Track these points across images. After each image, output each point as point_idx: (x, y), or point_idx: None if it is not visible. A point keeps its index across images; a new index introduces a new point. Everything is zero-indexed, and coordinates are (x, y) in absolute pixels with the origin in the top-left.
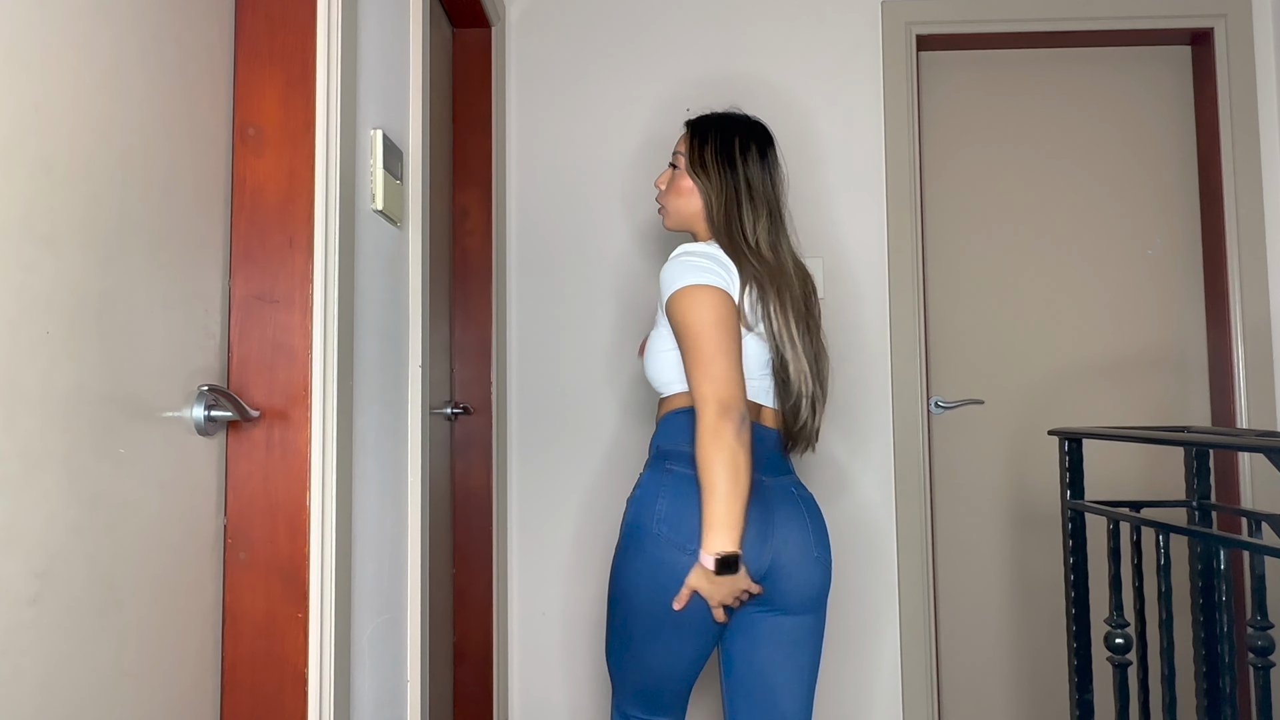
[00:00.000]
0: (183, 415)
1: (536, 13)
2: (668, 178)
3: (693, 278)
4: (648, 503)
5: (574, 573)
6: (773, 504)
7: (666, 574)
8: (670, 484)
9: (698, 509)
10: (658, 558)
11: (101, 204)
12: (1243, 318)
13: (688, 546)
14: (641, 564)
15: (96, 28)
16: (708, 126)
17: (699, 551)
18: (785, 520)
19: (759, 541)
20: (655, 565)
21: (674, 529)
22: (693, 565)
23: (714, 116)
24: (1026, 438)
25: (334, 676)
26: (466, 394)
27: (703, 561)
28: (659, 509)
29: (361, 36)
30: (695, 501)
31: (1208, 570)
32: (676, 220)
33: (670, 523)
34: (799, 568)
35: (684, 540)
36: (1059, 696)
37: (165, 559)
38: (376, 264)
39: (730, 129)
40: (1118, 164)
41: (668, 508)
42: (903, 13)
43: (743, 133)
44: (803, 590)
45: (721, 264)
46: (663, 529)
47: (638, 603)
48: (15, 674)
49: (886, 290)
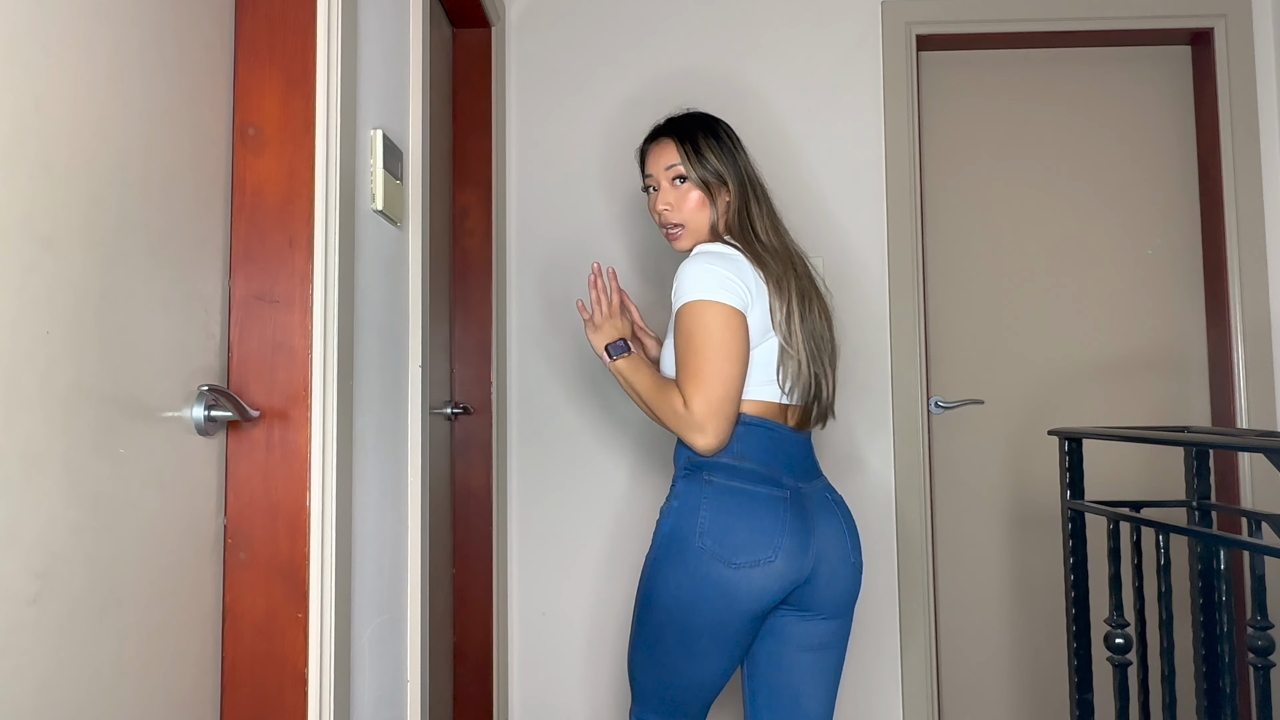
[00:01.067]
0: (183, 415)
1: (536, 13)
2: (673, 197)
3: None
4: (688, 514)
5: (574, 572)
6: (811, 510)
7: (710, 587)
8: (711, 496)
9: (743, 520)
10: (701, 571)
11: (101, 204)
12: (1243, 318)
13: (732, 560)
14: (683, 576)
15: (96, 28)
16: (690, 127)
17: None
18: (824, 527)
19: (799, 550)
20: (698, 578)
21: (718, 542)
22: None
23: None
24: (1026, 438)
25: (334, 676)
26: (466, 394)
27: (603, 354)
28: (701, 521)
29: (361, 36)
30: (739, 513)
31: (1208, 570)
32: (696, 237)
33: (713, 535)
34: (836, 573)
35: (729, 554)
36: (1059, 696)
37: (165, 559)
38: (376, 264)
39: (709, 126)
40: (1118, 164)
41: (710, 520)
42: (903, 13)
43: (721, 126)
44: (837, 595)
45: (743, 273)
46: (706, 542)
47: (677, 614)
48: (15, 674)
49: (886, 290)
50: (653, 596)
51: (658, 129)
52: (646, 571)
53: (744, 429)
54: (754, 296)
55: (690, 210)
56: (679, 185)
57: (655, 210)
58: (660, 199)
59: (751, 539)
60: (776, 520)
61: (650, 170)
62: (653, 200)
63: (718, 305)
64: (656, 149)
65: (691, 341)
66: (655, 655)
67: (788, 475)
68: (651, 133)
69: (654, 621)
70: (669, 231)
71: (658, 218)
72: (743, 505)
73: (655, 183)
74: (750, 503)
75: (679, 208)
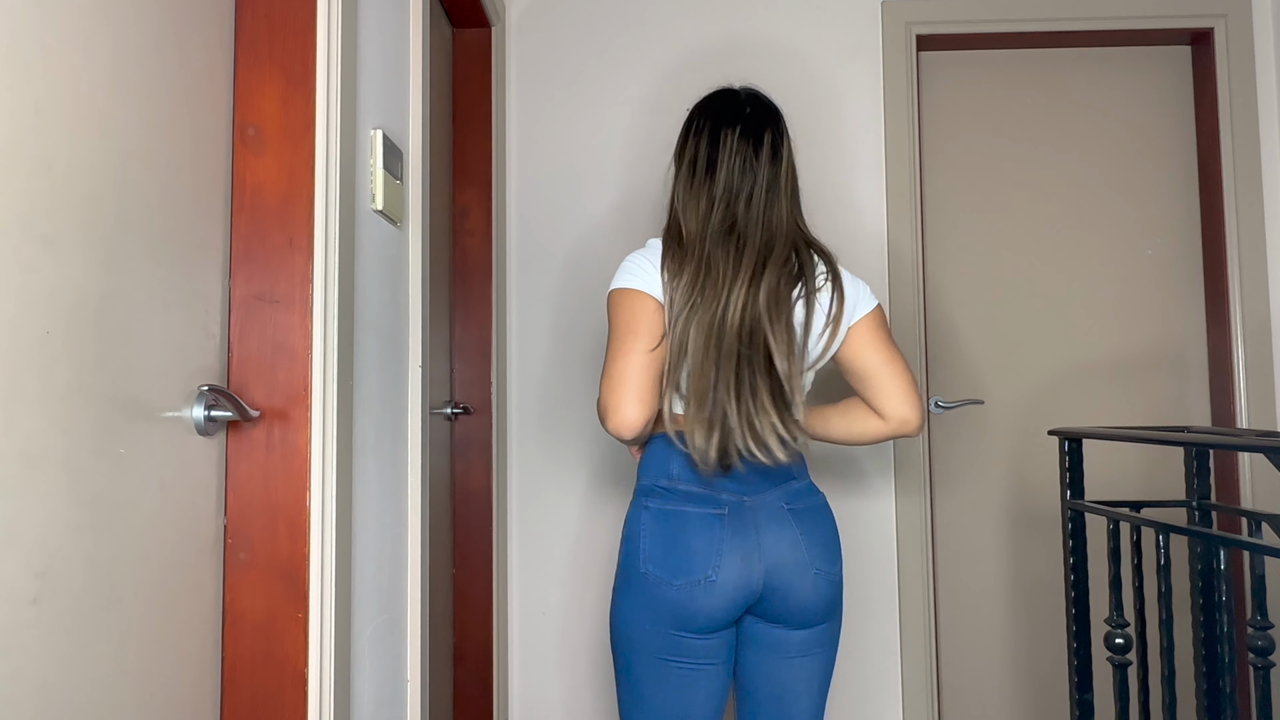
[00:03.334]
0: (183, 415)
1: (536, 13)
2: None
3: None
4: (632, 541)
5: (574, 572)
6: (758, 524)
7: (659, 610)
8: (649, 521)
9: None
10: (648, 595)
11: (101, 204)
12: (1243, 318)
13: (673, 582)
14: (636, 602)
15: (96, 28)
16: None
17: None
18: (775, 539)
19: (742, 565)
20: (648, 602)
21: (659, 566)
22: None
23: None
24: (1026, 438)
25: (334, 676)
26: (466, 394)
27: None
28: (643, 548)
29: (361, 36)
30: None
31: (1208, 570)
32: None
33: (654, 560)
34: (793, 585)
35: (669, 576)
36: (1059, 696)
37: (165, 559)
38: (376, 264)
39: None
40: (1118, 164)
41: (649, 545)
42: (903, 13)
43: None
44: (803, 605)
45: (644, 260)
46: (649, 567)
47: (638, 640)
48: (15, 674)
49: (886, 290)
50: (616, 630)
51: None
52: (611, 605)
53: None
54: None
55: None
56: None
57: None
58: None
59: (688, 559)
60: (711, 539)
61: None
62: None
63: (614, 291)
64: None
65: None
66: (635, 691)
67: (727, 491)
68: None
69: (623, 655)
70: None
71: None
72: (676, 527)
73: None
74: (683, 523)
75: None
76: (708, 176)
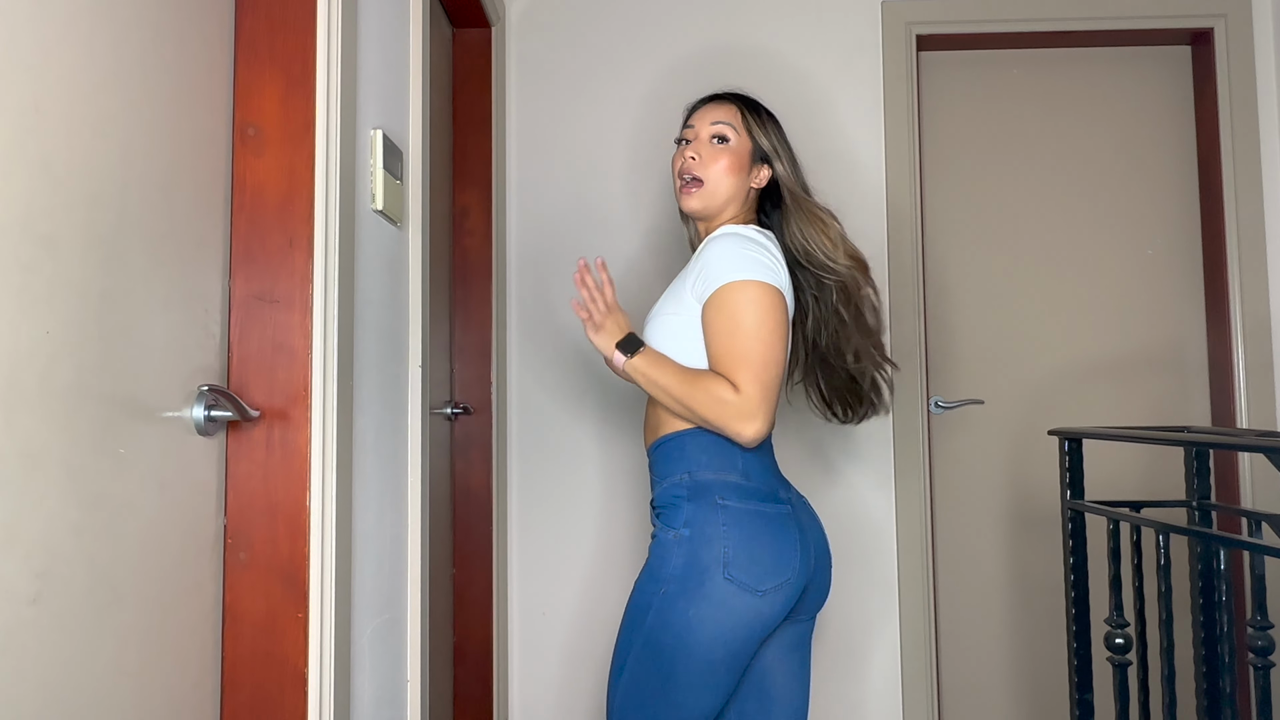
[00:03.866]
0: (183, 415)
1: (536, 13)
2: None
3: (755, 272)
4: (705, 545)
5: (574, 572)
6: (803, 524)
7: (738, 619)
8: (730, 522)
9: (766, 546)
10: (728, 604)
11: (101, 204)
12: (1243, 318)
13: (759, 588)
14: (705, 610)
15: (96, 28)
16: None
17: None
18: (814, 534)
19: (805, 563)
20: (724, 612)
21: (744, 571)
22: (763, 610)
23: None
24: (1026, 438)
25: (334, 676)
26: (466, 394)
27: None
28: (724, 552)
29: (361, 36)
30: (761, 539)
31: (1208, 570)
32: (708, 202)
33: (740, 565)
34: (821, 576)
35: (756, 582)
36: (1059, 696)
37: (165, 559)
38: (376, 264)
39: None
40: (1118, 164)
41: (734, 549)
42: (903, 13)
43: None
44: (819, 598)
45: (779, 258)
46: (733, 573)
47: (697, 650)
48: (15, 674)
49: (886, 290)
50: (665, 632)
51: (722, 92)
52: (654, 603)
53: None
54: (788, 287)
55: (719, 170)
56: (717, 145)
57: (679, 159)
58: (691, 148)
59: (776, 563)
60: (790, 539)
61: (694, 122)
62: (680, 151)
63: (762, 285)
64: (712, 105)
65: (739, 323)
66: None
67: (782, 488)
68: (713, 93)
69: (665, 660)
70: (685, 185)
71: (678, 168)
72: (761, 529)
73: (693, 134)
74: (768, 525)
75: (708, 164)
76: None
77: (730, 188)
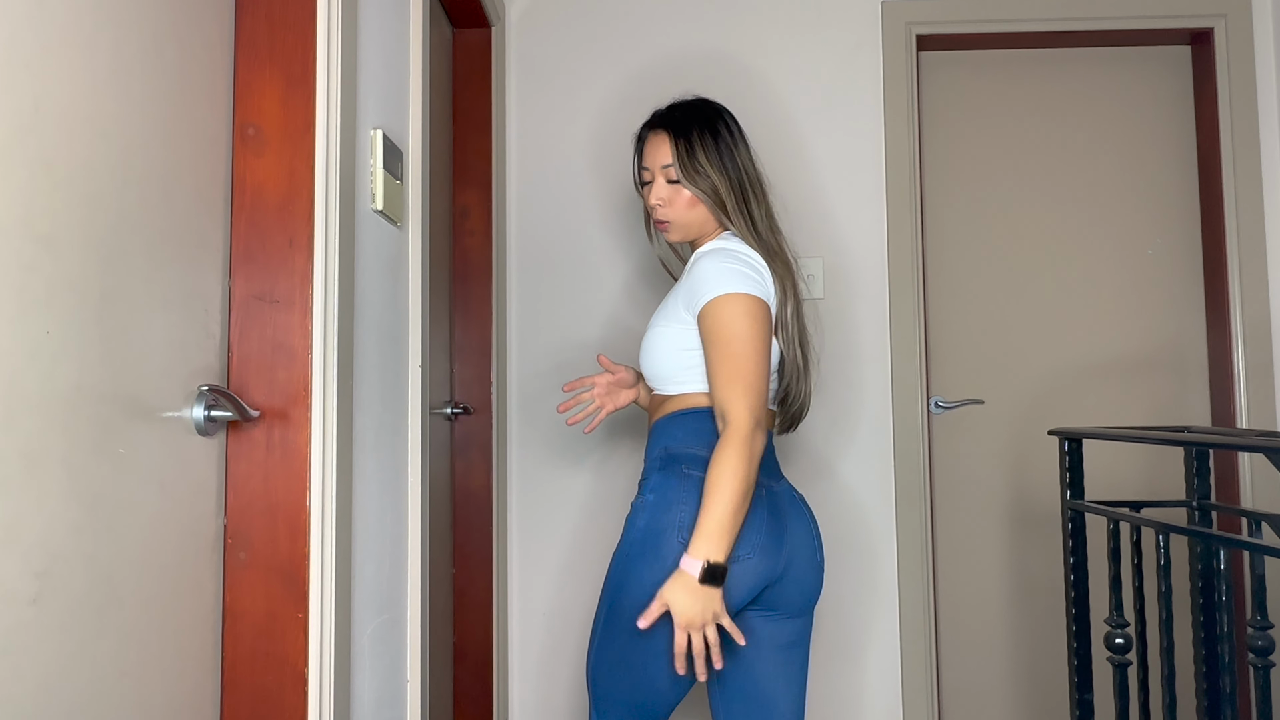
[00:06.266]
0: (183, 415)
1: (536, 13)
2: (666, 194)
3: (741, 285)
4: (664, 509)
5: (574, 573)
6: (783, 510)
7: None
8: (691, 491)
9: None
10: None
11: (101, 204)
12: (1243, 318)
13: None
14: (659, 573)
15: (96, 28)
16: (688, 124)
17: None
18: (794, 527)
19: (774, 549)
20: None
21: None
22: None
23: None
24: (1026, 438)
25: (334, 676)
26: (466, 394)
27: (686, 567)
28: (679, 517)
29: (361, 36)
30: None
31: (1208, 570)
32: (685, 233)
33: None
34: (803, 573)
35: None
36: (1059, 696)
37: (165, 559)
38: (376, 264)
39: (708, 122)
40: (1118, 164)
41: (689, 515)
42: (903, 13)
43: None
44: (804, 595)
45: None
46: (686, 537)
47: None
48: (15, 674)
49: (886, 290)
50: (624, 594)
51: (656, 118)
52: (616, 568)
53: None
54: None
55: (680, 209)
56: (672, 185)
57: (648, 203)
58: (654, 193)
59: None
60: (754, 518)
61: (646, 163)
62: (646, 192)
63: (748, 298)
64: (652, 141)
65: (727, 341)
66: (623, 656)
67: (761, 474)
68: (649, 120)
69: (624, 620)
70: (661, 226)
71: (652, 211)
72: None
73: (650, 175)
74: None
75: (671, 204)
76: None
77: (699, 217)
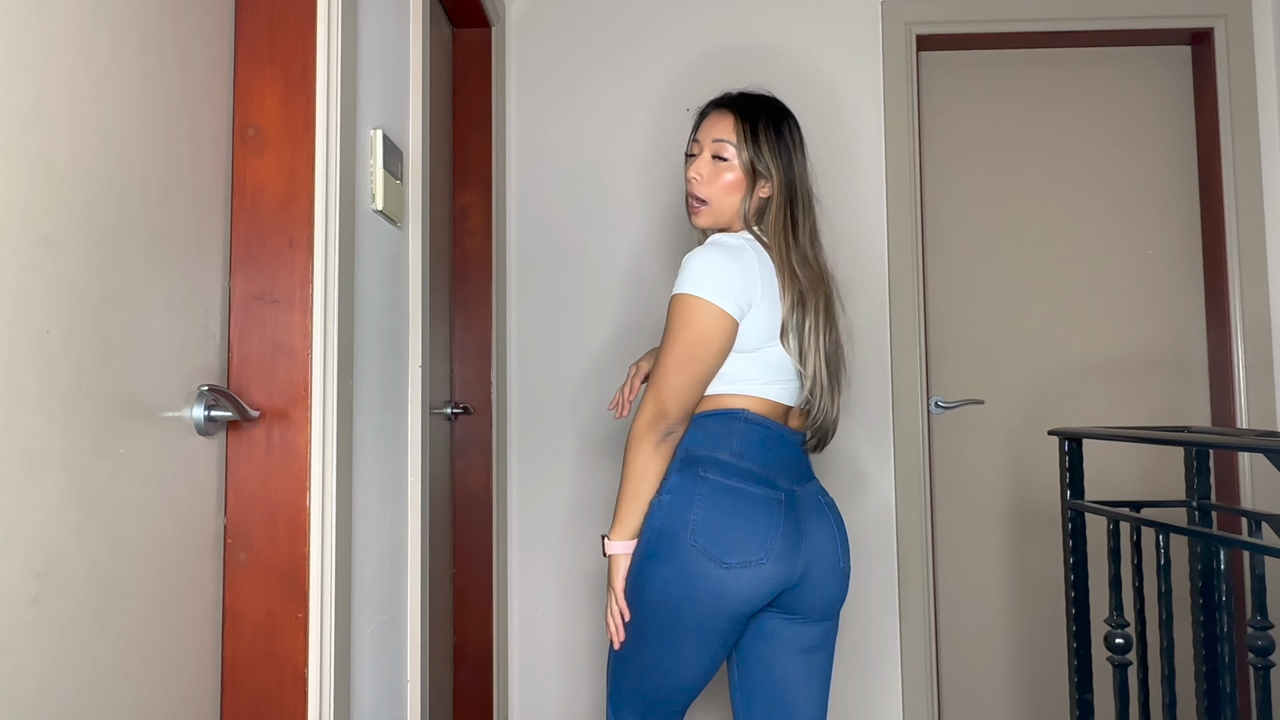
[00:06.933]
0: (183, 415)
1: (536, 13)
2: (707, 170)
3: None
4: (680, 510)
5: (574, 573)
6: (804, 514)
7: (699, 585)
8: (706, 493)
9: (737, 520)
10: (691, 568)
11: (101, 204)
12: (1243, 318)
13: (724, 559)
14: (671, 572)
15: (96, 28)
16: (755, 112)
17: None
18: (815, 530)
19: (791, 554)
20: (687, 575)
21: (710, 540)
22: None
23: (758, 100)
24: (1026, 438)
25: (334, 676)
26: (466, 394)
27: (607, 548)
28: (694, 518)
29: (361, 36)
30: (734, 513)
31: (1208, 570)
32: (716, 219)
33: (706, 533)
34: (825, 578)
35: (721, 553)
36: (1059, 696)
37: (165, 559)
38: (376, 264)
39: (775, 116)
40: (1118, 164)
41: (704, 518)
42: (903, 13)
43: (790, 122)
44: (826, 600)
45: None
46: (698, 539)
47: (663, 610)
48: (15, 674)
49: (886, 290)
50: (639, 592)
51: (724, 99)
52: (633, 566)
53: (745, 426)
54: (760, 297)
55: (719, 189)
56: (718, 163)
57: (687, 177)
58: (694, 167)
59: (744, 540)
60: (770, 522)
61: (699, 136)
62: (688, 166)
63: (691, 299)
64: (714, 117)
65: (670, 338)
66: (638, 653)
67: (784, 477)
68: (716, 100)
69: (638, 617)
70: (692, 204)
71: (687, 185)
72: (738, 505)
73: (699, 149)
74: (746, 503)
75: (709, 183)
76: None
77: (734, 205)
